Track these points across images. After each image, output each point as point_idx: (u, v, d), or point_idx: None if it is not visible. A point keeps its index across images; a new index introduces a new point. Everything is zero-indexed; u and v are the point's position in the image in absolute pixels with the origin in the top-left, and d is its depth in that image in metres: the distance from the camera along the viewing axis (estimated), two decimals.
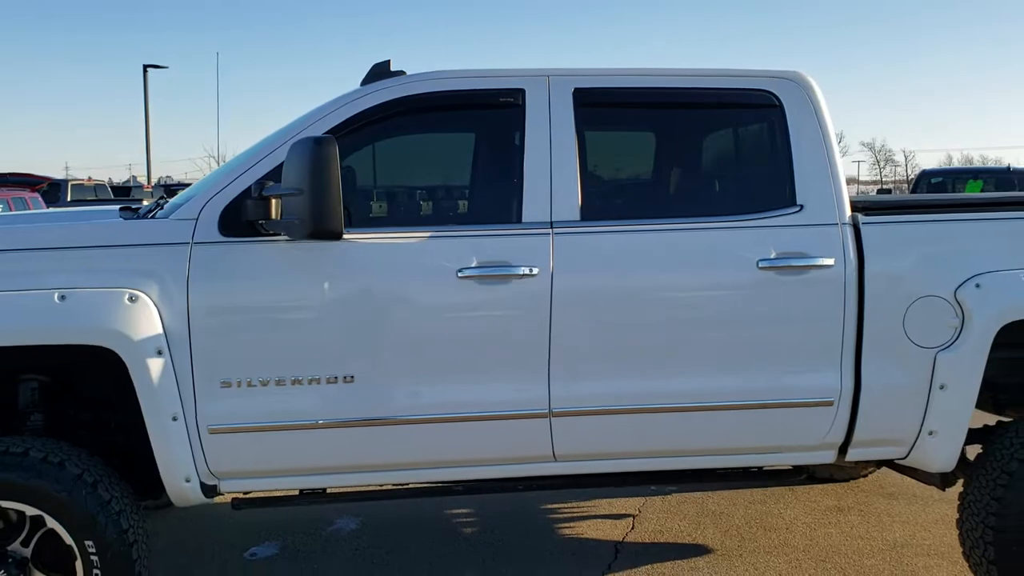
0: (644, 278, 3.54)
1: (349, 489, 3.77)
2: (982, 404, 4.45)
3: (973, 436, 3.95)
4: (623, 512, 5.13)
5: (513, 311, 3.46)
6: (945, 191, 14.92)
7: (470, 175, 3.96)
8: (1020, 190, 14.72)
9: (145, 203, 4.75)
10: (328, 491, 3.73)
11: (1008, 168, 15.76)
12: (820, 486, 5.59)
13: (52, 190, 22.43)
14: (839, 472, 5.62)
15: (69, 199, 21.69)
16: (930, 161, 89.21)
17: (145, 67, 34.19)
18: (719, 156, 4.07)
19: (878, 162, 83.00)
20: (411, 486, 3.78)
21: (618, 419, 3.56)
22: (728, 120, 3.97)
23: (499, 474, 3.64)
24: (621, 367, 3.53)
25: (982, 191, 14.32)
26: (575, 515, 5.11)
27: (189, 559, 4.54)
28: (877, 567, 4.40)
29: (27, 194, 15.02)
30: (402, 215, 3.75)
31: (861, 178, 79.87)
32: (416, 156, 3.96)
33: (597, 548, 4.64)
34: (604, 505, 5.25)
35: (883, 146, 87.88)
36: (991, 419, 4.17)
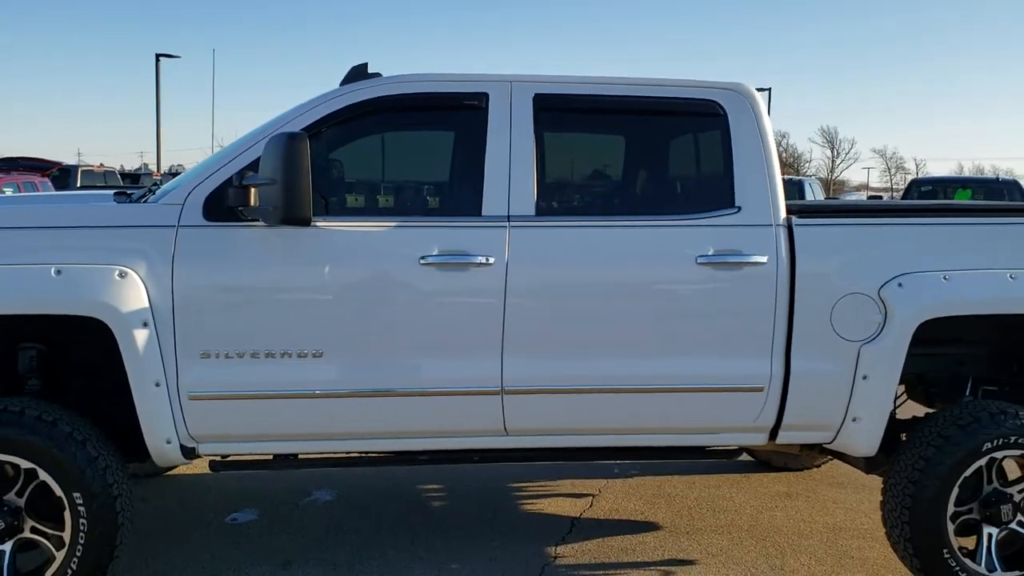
0: (591, 270, 3.87)
1: (321, 456, 4.09)
2: (916, 397, 4.80)
3: (902, 426, 4.28)
4: (584, 492, 5.46)
5: (470, 297, 3.79)
6: (935, 199, 15.19)
7: (437, 171, 4.28)
8: (1009, 199, 15.01)
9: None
10: (300, 457, 4.04)
11: (997, 178, 16.04)
12: (774, 474, 5.91)
13: (62, 175, 22.83)
14: (793, 461, 5.95)
15: (79, 185, 22.04)
16: (941, 170, 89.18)
17: (157, 56, 34.52)
18: (666, 159, 4.37)
19: (888, 169, 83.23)
20: (378, 455, 4.09)
21: (565, 398, 3.88)
22: (676, 126, 4.28)
23: (456, 446, 3.97)
24: (569, 351, 3.85)
25: (971, 199, 14.60)
26: (539, 493, 5.44)
27: (175, 522, 4.88)
28: (813, 546, 4.72)
29: (37, 178, 15.41)
30: (372, 206, 4.05)
31: (872, 184, 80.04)
32: (388, 152, 4.27)
33: (555, 522, 4.96)
34: (567, 485, 5.57)
35: (894, 153, 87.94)
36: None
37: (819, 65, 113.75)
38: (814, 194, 15.83)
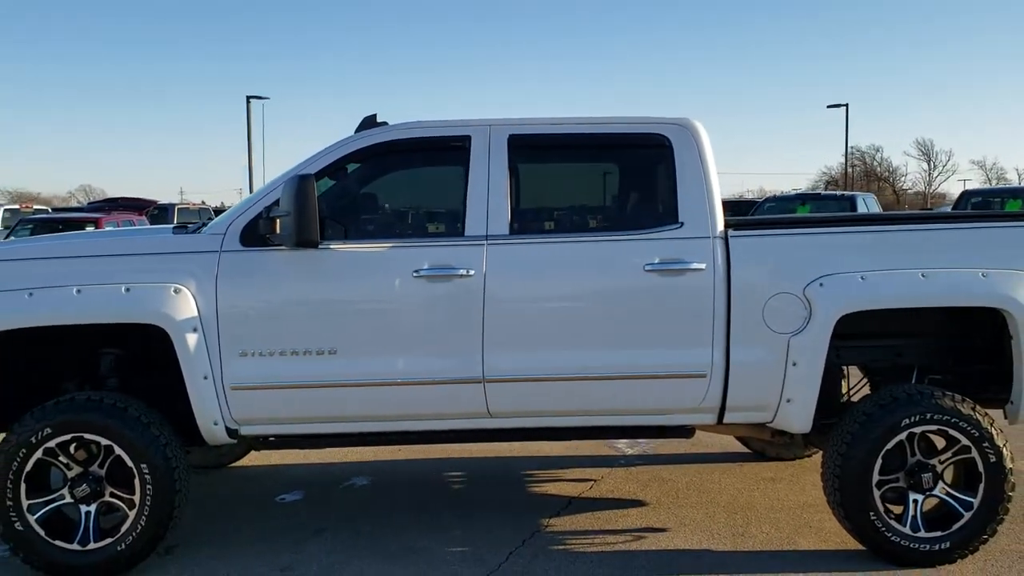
0: (556, 278, 4.65)
1: (337, 434, 4.90)
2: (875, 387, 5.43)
3: (839, 410, 4.92)
4: (586, 478, 6.20)
5: (455, 302, 4.60)
6: (986, 209, 15.40)
7: (429, 200, 5.13)
8: None
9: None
10: (320, 436, 4.88)
11: None
12: (766, 463, 6.54)
13: (161, 213, 24.64)
14: (784, 451, 6.58)
15: (175, 221, 23.72)
16: None
17: (248, 98, 36.65)
18: (621, 184, 5.12)
19: (988, 180, 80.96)
20: (383, 433, 4.92)
21: (538, 385, 4.65)
22: (629, 156, 5.01)
23: (448, 427, 4.78)
24: (538, 346, 4.63)
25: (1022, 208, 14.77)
26: (546, 479, 6.20)
27: (233, 500, 5.82)
28: (778, 519, 5.36)
29: (135, 216, 16.87)
30: (376, 230, 4.90)
31: None
32: (389, 185, 5.12)
33: (554, 501, 5.72)
34: (573, 472, 6.33)
35: (995, 163, 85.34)
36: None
37: (916, 78, 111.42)
38: (867, 208, 16.13)
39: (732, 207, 20.32)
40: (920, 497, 4.67)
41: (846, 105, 42.98)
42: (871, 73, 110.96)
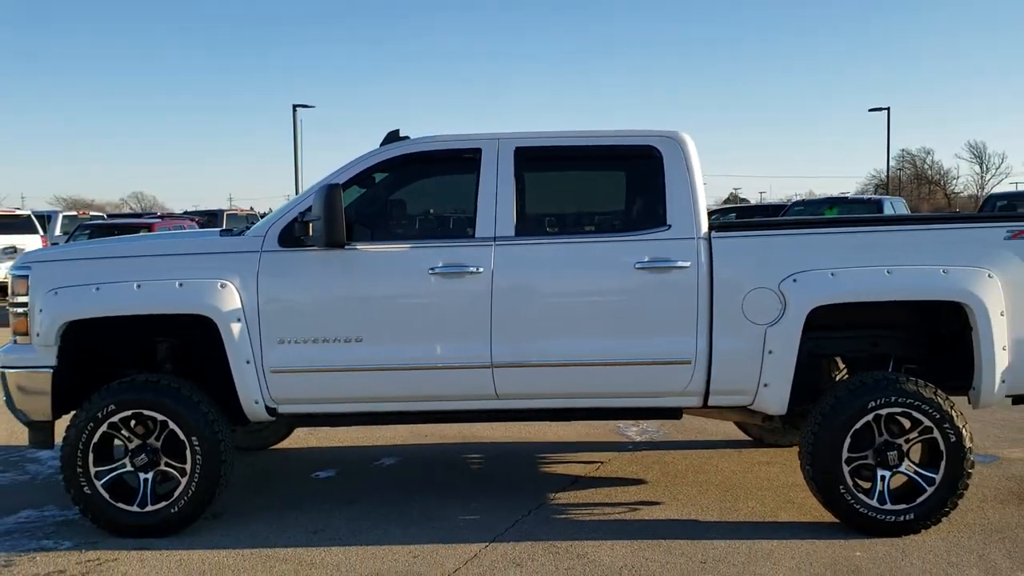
0: (556, 275, 5.22)
1: (363, 413, 5.50)
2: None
3: (815, 396, 5.41)
4: (594, 460, 6.76)
5: (466, 297, 5.19)
6: (1012, 211, 15.67)
7: (444, 206, 5.73)
8: None
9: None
10: (346, 415, 5.48)
11: None
12: (764, 449, 7.04)
13: (210, 219, 25.66)
14: (782, 438, 7.07)
15: (223, 226, 24.71)
16: None
17: (295, 107, 37.64)
18: (615, 191, 5.67)
19: None
20: (404, 413, 5.52)
21: (541, 371, 5.21)
22: (623, 166, 5.57)
23: (461, 407, 5.36)
24: (540, 336, 5.19)
25: None
26: (558, 460, 6.77)
27: (274, 476, 6.47)
28: (765, 496, 5.87)
29: (186, 222, 17.75)
30: (397, 232, 5.50)
31: None
32: (409, 192, 5.73)
33: (562, 479, 6.28)
34: (584, 455, 6.89)
35: None
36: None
37: (968, 81, 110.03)
38: (894, 210, 16.46)
39: (759, 211, 20.70)
40: (887, 473, 5.15)
41: (887, 109, 42.97)
42: (926, 76, 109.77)
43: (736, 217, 21.50)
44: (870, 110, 43.42)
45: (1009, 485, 6.08)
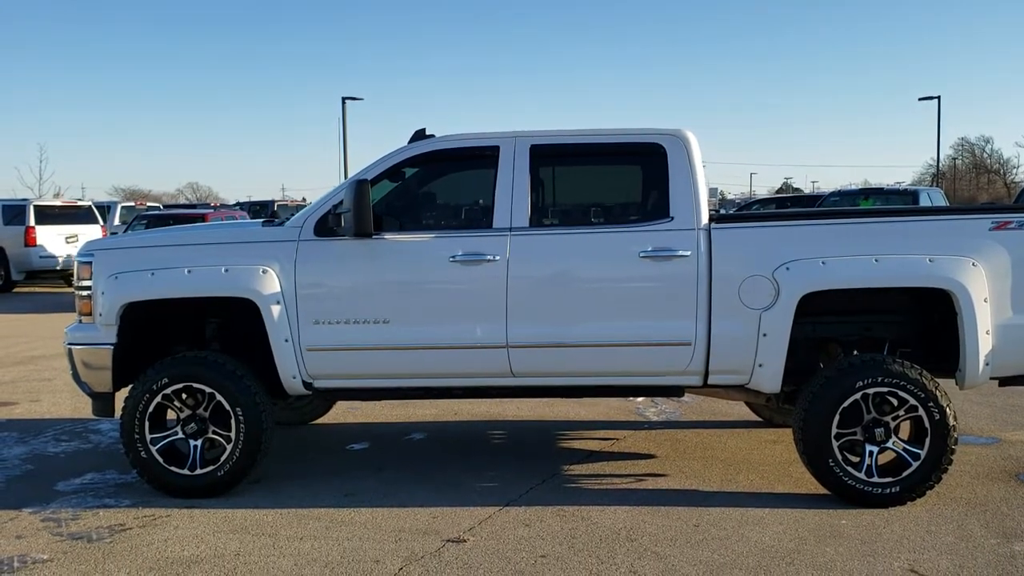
0: (567, 263, 5.67)
1: (391, 388, 6.02)
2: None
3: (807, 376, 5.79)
4: (610, 437, 7.21)
5: (484, 283, 5.66)
6: None
7: (464, 199, 6.20)
8: None
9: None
10: (379, 390, 6.01)
11: None
12: (772, 429, 7.42)
13: (262, 208, 26.52)
14: (790, 419, 7.42)
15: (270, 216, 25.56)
16: None
17: (344, 99, 38.37)
18: (622, 185, 6.12)
19: None
20: (428, 388, 6.01)
21: (552, 351, 5.68)
22: (631, 161, 6.01)
23: (479, 384, 5.84)
24: (553, 318, 5.65)
25: None
26: (575, 437, 7.23)
27: (312, 448, 7.02)
28: (765, 470, 6.28)
29: (237, 213, 18.50)
30: (421, 223, 5.99)
31: None
32: (432, 187, 6.22)
33: (577, 454, 6.74)
34: (600, 433, 7.34)
35: None
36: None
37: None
38: (930, 202, 16.60)
39: (794, 201, 20.88)
40: (875, 449, 5.53)
41: (938, 98, 42.52)
42: (988, 64, 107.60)
43: (776, 208, 21.70)
44: (920, 99, 43.03)
45: (1003, 464, 6.40)
